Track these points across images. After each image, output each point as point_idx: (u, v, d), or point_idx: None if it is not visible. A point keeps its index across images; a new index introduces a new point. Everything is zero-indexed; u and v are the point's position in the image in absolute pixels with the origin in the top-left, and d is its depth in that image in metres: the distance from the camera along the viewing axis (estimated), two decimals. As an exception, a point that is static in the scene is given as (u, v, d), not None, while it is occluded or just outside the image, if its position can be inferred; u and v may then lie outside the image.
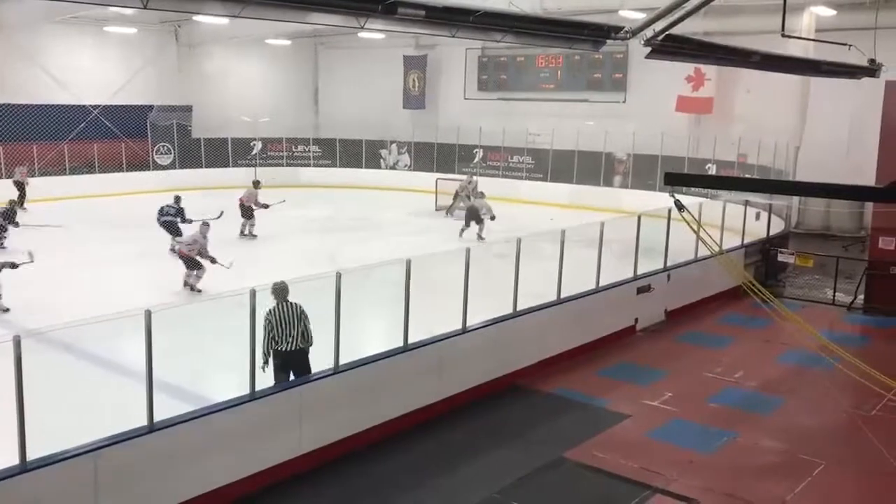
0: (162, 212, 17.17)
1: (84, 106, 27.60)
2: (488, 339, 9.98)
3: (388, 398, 8.70)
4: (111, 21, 26.71)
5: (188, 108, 29.64)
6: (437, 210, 23.63)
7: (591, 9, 20.26)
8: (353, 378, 8.28)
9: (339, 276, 7.96)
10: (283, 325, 8.07)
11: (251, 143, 30.32)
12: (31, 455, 5.92)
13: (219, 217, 16.16)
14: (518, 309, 10.37)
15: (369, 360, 8.60)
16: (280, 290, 8.17)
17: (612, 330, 12.24)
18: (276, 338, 8.06)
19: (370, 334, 11.56)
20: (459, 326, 9.56)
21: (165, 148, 28.92)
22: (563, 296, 11.14)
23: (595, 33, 12.23)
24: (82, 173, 26.22)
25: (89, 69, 27.75)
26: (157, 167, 28.45)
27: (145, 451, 6.52)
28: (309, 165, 30.74)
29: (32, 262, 12.22)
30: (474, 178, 24.19)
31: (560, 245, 10.93)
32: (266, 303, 7.99)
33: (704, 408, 9.90)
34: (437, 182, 24.58)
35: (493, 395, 9.90)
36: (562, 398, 10.05)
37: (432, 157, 29.52)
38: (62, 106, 26.92)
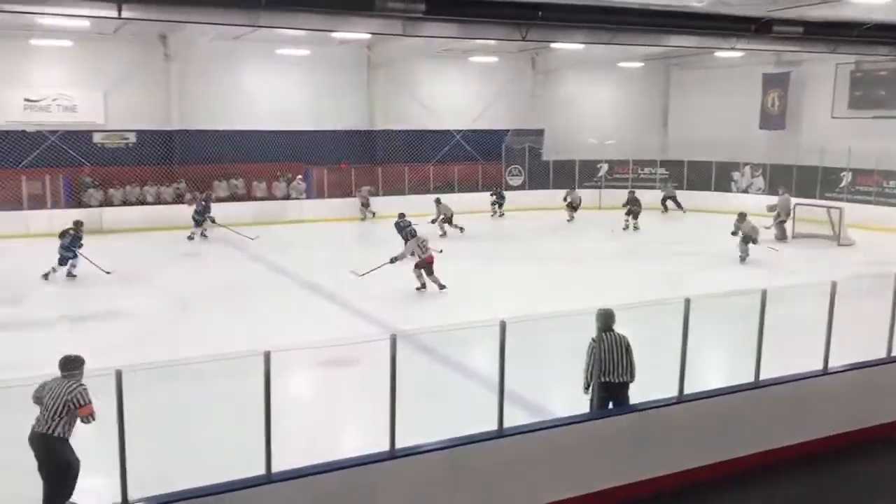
0: None
1: (448, 131, 30.28)
2: (855, 384, 8.95)
3: (734, 434, 8.19)
4: (476, 52, 28.97)
5: (540, 132, 31.03)
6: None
7: None
8: (697, 409, 7.95)
9: (687, 302, 7.74)
10: (612, 356, 7.79)
11: (597, 165, 30.79)
12: (399, 445, 6.56)
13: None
14: (894, 353, 9.18)
15: (716, 392, 8.21)
16: (606, 317, 7.84)
17: None
18: (604, 368, 7.81)
19: (714, 366, 11.07)
20: (819, 367, 8.74)
21: (517, 170, 30.60)
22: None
23: None
24: (444, 192, 28.74)
25: (454, 97, 30.39)
26: (509, 188, 30.17)
27: (494, 455, 6.90)
28: (655, 188, 30.34)
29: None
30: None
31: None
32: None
33: None
34: (794, 208, 22.78)
35: (860, 446, 8.85)
36: (946, 461, 8.67)
37: (790, 180, 27.35)
38: (430, 131, 29.84)
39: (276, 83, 27.43)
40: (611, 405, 7.93)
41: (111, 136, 25.63)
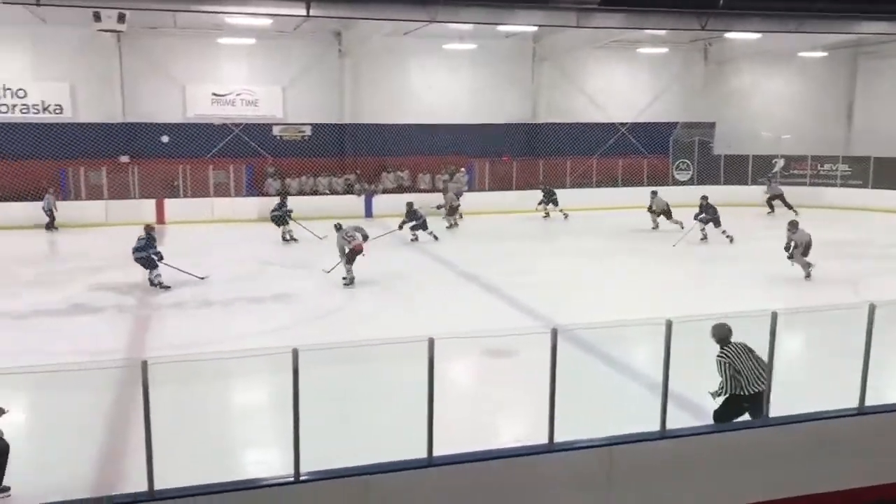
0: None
1: (613, 124, 29.70)
2: None
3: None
4: (645, 42, 28.21)
5: (711, 125, 29.81)
6: None
7: None
8: (878, 423, 7.42)
9: (872, 308, 7.22)
10: (745, 366, 7.51)
11: (773, 161, 29.17)
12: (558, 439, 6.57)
13: None
14: None
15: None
16: (725, 331, 7.66)
17: None
18: (742, 381, 7.49)
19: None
20: None
21: (685, 164, 29.55)
22: None
23: None
24: (607, 186, 28.18)
25: (620, 89, 29.76)
26: (676, 182, 29.17)
27: (655, 456, 6.77)
28: (835, 185, 28.35)
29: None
30: None
31: None
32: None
33: None
34: None
35: None
36: None
37: None
38: (594, 124, 29.39)
39: (441, 77, 27.98)
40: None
41: (289, 128, 27.15)
